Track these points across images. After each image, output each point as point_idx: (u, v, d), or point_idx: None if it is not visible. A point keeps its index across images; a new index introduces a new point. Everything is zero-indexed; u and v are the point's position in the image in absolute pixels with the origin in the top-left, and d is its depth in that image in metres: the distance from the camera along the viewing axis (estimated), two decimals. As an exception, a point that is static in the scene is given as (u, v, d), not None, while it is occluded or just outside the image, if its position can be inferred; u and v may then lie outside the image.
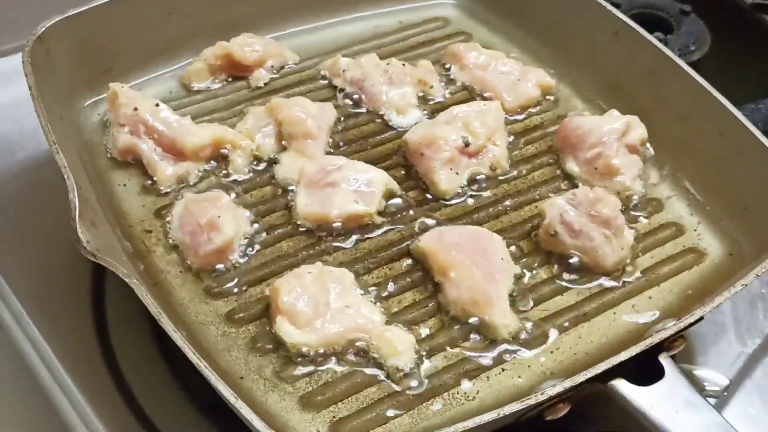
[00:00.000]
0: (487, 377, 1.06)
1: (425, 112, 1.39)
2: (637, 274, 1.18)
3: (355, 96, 1.39)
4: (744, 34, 1.76)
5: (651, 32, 1.44)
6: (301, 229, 1.20)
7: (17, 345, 1.19)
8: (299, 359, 1.06)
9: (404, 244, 1.20)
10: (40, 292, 1.23)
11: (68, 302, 1.22)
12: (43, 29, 1.25)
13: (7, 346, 1.19)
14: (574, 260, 1.17)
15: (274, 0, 1.50)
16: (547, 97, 1.43)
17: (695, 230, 1.25)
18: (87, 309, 1.21)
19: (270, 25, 1.50)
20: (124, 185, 1.24)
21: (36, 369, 1.16)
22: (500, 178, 1.29)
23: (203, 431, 1.10)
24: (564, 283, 1.16)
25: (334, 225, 1.20)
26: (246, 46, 1.41)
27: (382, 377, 1.05)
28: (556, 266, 1.18)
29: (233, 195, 1.22)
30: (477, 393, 1.05)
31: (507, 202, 1.26)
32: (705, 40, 1.65)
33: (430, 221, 1.23)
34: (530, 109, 1.41)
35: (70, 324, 1.20)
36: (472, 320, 1.10)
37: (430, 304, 1.13)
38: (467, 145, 1.26)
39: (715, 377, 1.19)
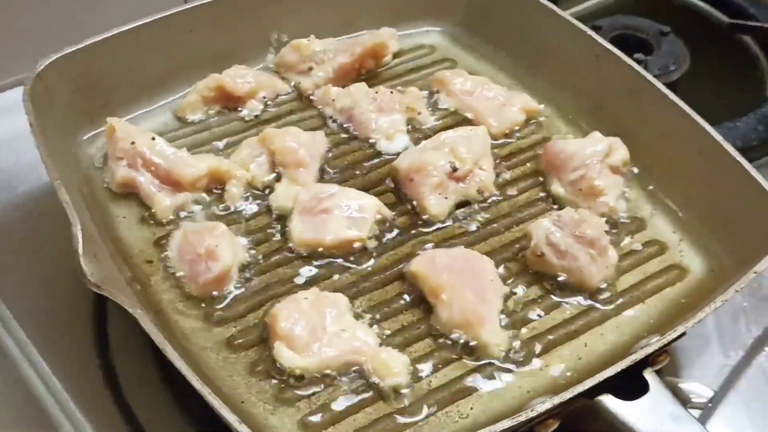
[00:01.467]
0: (480, 395, 1.09)
1: (413, 138, 1.42)
2: (622, 291, 1.22)
3: (346, 124, 1.43)
4: (722, 53, 1.80)
5: (631, 53, 1.48)
6: (296, 256, 1.23)
7: (21, 373, 1.21)
8: (298, 382, 1.09)
9: (396, 268, 1.23)
10: (43, 321, 1.25)
11: (71, 331, 1.25)
12: (42, 67, 1.28)
13: (12, 375, 1.21)
14: (560, 280, 1.21)
15: (263, 32, 1.53)
16: (532, 120, 1.47)
17: (678, 247, 1.29)
18: (89, 337, 1.24)
19: (261, 56, 1.54)
20: (124, 217, 1.28)
21: (40, 396, 1.19)
22: (488, 201, 1.33)
23: (206, 454, 1.14)
24: (551, 303, 1.20)
25: (328, 251, 1.23)
26: (238, 77, 1.45)
27: (379, 398, 1.08)
28: (543, 286, 1.22)
29: (230, 224, 1.25)
30: (470, 411, 1.08)
31: (495, 225, 1.30)
32: (684, 60, 1.69)
33: (421, 245, 1.26)
34: (516, 133, 1.45)
35: (74, 352, 1.22)
36: (464, 340, 1.13)
37: (423, 326, 1.16)
38: (455, 170, 1.30)
39: (700, 389, 1.22)
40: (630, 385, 1.02)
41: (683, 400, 1.18)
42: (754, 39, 1.80)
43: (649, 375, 1.03)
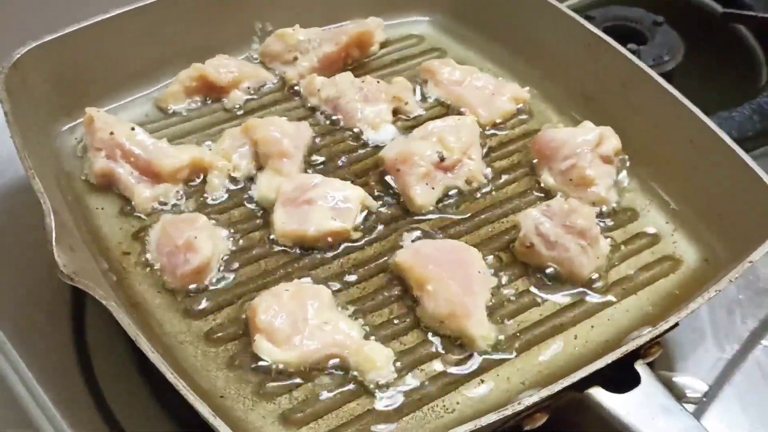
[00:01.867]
0: (466, 389, 1.07)
1: (401, 128, 1.40)
2: (614, 282, 1.19)
3: (331, 114, 1.40)
4: (716, 42, 1.78)
5: (625, 43, 1.46)
6: (278, 248, 1.21)
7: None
8: (279, 376, 1.06)
9: (382, 260, 1.20)
10: (20, 316, 1.23)
11: (48, 326, 1.22)
12: (19, 56, 1.25)
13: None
14: (550, 271, 1.18)
15: (248, 22, 1.51)
16: (522, 110, 1.44)
17: (671, 238, 1.26)
18: (67, 332, 1.22)
19: (245, 46, 1.52)
20: (102, 209, 1.25)
21: (17, 393, 1.17)
22: (476, 191, 1.30)
23: (186, 451, 1.11)
24: (541, 294, 1.17)
25: (312, 242, 1.20)
26: (221, 67, 1.42)
27: (362, 392, 1.06)
28: (532, 277, 1.19)
29: (210, 215, 1.23)
30: (456, 405, 1.05)
31: (483, 215, 1.27)
32: (678, 50, 1.66)
33: (407, 236, 1.23)
34: (505, 123, 1.42)
35: (51, 348, 1.20)
36: (450, 333, 1.11)
37: (409, 318, 1.14)
38: (442, 159, 1.27)
39: (694, 383, 1.20)
40: (621, 378, 1.00)
41: (678, 394, 1.16)
42: (748, 28, 1.78)
43: (640, 367, 1.01)
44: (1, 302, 1.25)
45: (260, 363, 1.06)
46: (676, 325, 1.04)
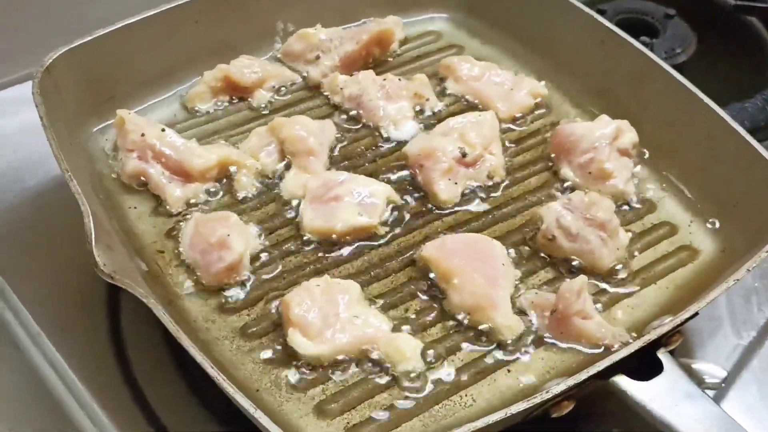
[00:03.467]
0: (494, 379, 1.10)
1: (422, 124, 1.42)
2: (634, 273, 1.22)
3: (354, 112, 1.43)
4: (728, 34, 1.79)
5: (637, 37, 1.48)
6: (307, 243, 1.24)
7: (36, 366, 1.22)
8: (312, 369, 1.09)
9: (408, 254, 1.23)
10: (56, 313, 1.26)
11: (85, 322, 1.25)
12: (50, 60, 1.28)
13: (26, 368, 1.22)
14: (572, 263, 1.21)
15: (269, 22, 1.54)
16: (540, 104, 1.47)
17: (688, 228, 1.29)
18: (103, 328, 1.24)
19: (267, 46, 1.54)
20: (135, 208, 1.28)
21: (55, 389, 1.19)
22: (498, 186, 1.33)
23: (221, 443, 1.15)
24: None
25: (340, 238, 1.24)
26: (245, 68, 1.45)
27: (393, 383, 1.09)
28: (555, 269, 1.22)
29: (241, 213, 1.26)
30: (484, 394, 1.08)
31: (505, 209, 1.30)
32: (690, 42, 1.68)
33: (431, 230, 1.26)
34: (524, 118, 1.45)
35: (88, 343, 1.23)
36: (476, 324, 1.14)
37: (435, 311, 1.17)
38: (464, 155, 1.30)
39: (713, 370, 1.22)
40: (644, 366, 1.02)
41: (697, 380, 1.18)
42: (760, 20, 1.79)
43: (662, 355, 1.04)
44: (37, 298, 1.28)
45: (294, 356, 1.10)
46: (696, 314, 1.07)
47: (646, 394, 1.00)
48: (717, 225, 1.29)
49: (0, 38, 1.57)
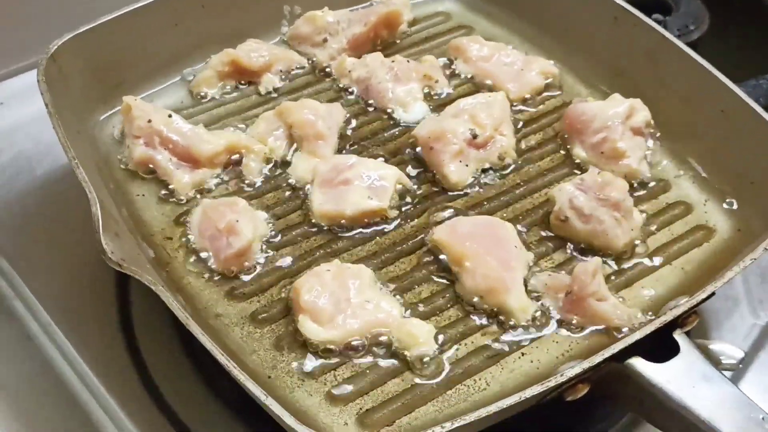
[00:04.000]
0: (507, 362, 1.09)
1: (432, 106, 1.41)
2: (648, 254, 1.21)
3: (362, 95, 1.42)
4: (741, 10, 1.77)
5: (650, 14, 1.46)
6: (317, 228, 1.23)
7: (46, 355, 1.22)
8: (323, 355, 1.08)
9: (419, 237, 1.22)
10: (66, 302, 1.26)
11: (95, 310, 1.25)
12: (55, 47, 1.27)
13: (37, 357, 1.22)
14: (585, 244, 1.20)
15: (276, 5, 1.52)
16: (551, 84, 1.45)
17: (703, 208, 1.28)
18: (113, 316, 1.24)
19: (274, 30, 1.53)
20: (143, 195, 1.27)
21: (66, 377, 1.20)
22: (509, 167, 1.32)
23: (232, 429, 1.14)
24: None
25: (350, 222, 1.22)
26: (252, 51, 1.43)
27: (405, 368, 1.08)
28: (568, 251, 1.21)
29: (249, 198, 1.25)
30: (498, 378, 1.07)
31: (517, 191, 1.29)
32: (704, 19, 1.66)
33: (442, 213, 1.25)
34: (535, 98, 1.43)
35: (98, 332, 1.23)
36: (489, 307, 1.13)
37: (448, 294, 1.16)
38: (475, 137, 1.29)
39: (730, 350, 1.21)
40: (660, 347, 1.01)
41: (714, 362, 1.16)
42: (774, -5, 1.78)
43: (679, 336, 1.02)
44: (46, 287, 1.28)
45: (305, 342, 1.09)
46: (713, 294, 1.06)
47: (663, 375, 0.98)
48: (732, 204, 1.27)
49: (6, 26, 1.56)
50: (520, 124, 1.39)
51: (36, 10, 1.56)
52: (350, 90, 1.43)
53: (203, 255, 1.18)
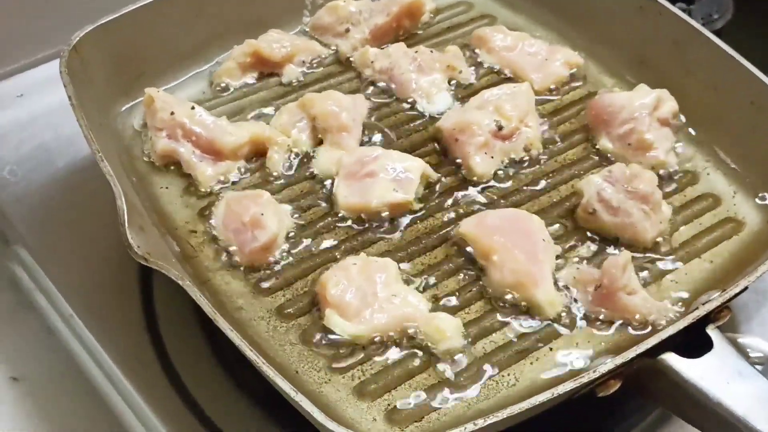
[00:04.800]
0: (536, 357, 1.08)
1: (456, 97, 1.40)
2: (677, 247, 1.19)
3: (386, 86, 1.40)
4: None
5: (674, 3, 1.44)
6: (342, 221, 1.22)
7: (69, 348, 1.22)
8: (351, 350, 1.07)
9: (444, 230, 1.21)
10: (89, 295, 1.25)
11: (118, 303, 1.25)
12: (78, 39, 1.26)
13: (59, 350, 1.22)
14: (613, 237, 1.19)
15: (298, -4, 1.52)
16: (575, 75, 1.44)
17: (732, 200, 1.26)
18: (136, 309, 1.24)
19: (296, 20, 1.52)
20: (166, 188, 1.26)
21: (89, 370, 1.20)
22: (535, 158, 1.30)
23: (259, 424, 1.13)
24: (605, 260, 1.17)
25: (375, 215, 1.21)
26: (274, 42, 1.42)
27: (433, 363, 1.07)
28: (595, 244, 1.19)
29: (273, 191, 1.24)
30: (527, 373, 1.06)
31: (543, 183, 1.27)
32: (728, 7, 1.65)
33: (469, 206, 1.24)
34: (560, 89, 1.42)
35: (121, 324, 1.22)
36: (517, 302, 1.12)
37: (475, 288, 1.14)
38: (500, 128, 1.27)
39: (760, 344, 1.20)
40: (693, 343, 1.00)
41: (743, 356, 1.15)
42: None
43: (712, 331, 1.01)
44: (69, 280, 1.27)
45: (332, 337, 1.08)
46: (746, 288, 1.04)
47: (696, 371, 0.97)
48: (762, 196, 1.25)
49: (26, 17, 1.55)
50: (545, 115, 1.37)
51: (56, 0, 1.55)
52: (373, 81, 1.42)
53: (228, 248, 1.17)
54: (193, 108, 1.28)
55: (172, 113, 1.26)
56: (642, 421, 1.16)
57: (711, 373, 0.97)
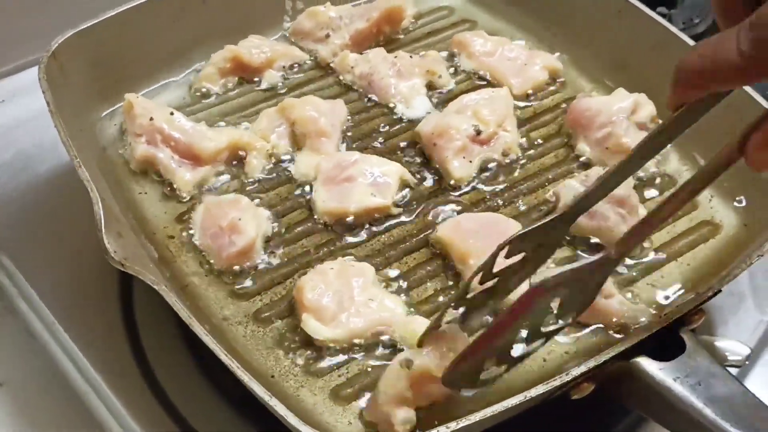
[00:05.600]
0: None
1: (435, 102, 1.40)
2: (654, 250, 1.20)
3: (365, 91, 1.41)
4: (745, 2, 1.76)
5: (654, 7, 1.45)
6: (320, 226, 1.22)
7: (50, 354, 1.21)
8: (327, 354, 1.08)
9: (422, 235, 1.21)
10: (69, 300, 1.25)
11: (98, 309, 1.24)
12: (56, 45, 1.26)
13: (41, 355, 1.21)
14: (590, 241, 1.19)
15: (279, 1, 1.51)
16: (555, 79, 1.45)
17: (709, 203, 1.27)
18: (117, 314, 1.23)
19: (276, 25, 1.52)
20: (145, 193, 1.26)
21: (69, 375, 1.19)
22: (513, 163, 1.31)
23: (237, 427, 1.12)
24: (582, 264, 1.18)
25: (353, 219, 1.22)
26: (253, 48, 1.43)
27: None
28: (572, 248, 1.20)
29: (252, 196, 1.24)
30: (504, 376, 1.06)
31: (521, 187, 1.28)
32: (708, 12, 1.65)
33: (446, 210, 1.25)
34: (539, 93, 1.43)
35: (102, 330, 1.22)
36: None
37: (452, 292, 1.15)
38: (479, 133, 1.28)
39: (736, 347, 1.20)
40: (666, 346, 1.00)
41: (720, 359, 1.16)
42: (780, -13, 1.76)
43: (685, 334, 1.01)
44: (49, 285, 1.26)
45: (309, 341, 1.08)
46: (719, 291, 1.05)
47: (669, 374, 0.97)
48: (738, 199, 1.26)
49: (8, 23, 1.55)
50: (524, 119, 1.38)
51: (37, 6, 1.55)
52: (353, 86, 1.42)
53: (206, 253, 1.18)
54: (172, 113, 1.28)
55: (151, 119, 1.27)
56: (619, 423, 1.16)
57: (683, 376, 0.97)
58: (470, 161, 1.28)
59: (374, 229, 1.22)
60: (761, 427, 0.93)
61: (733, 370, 1.16)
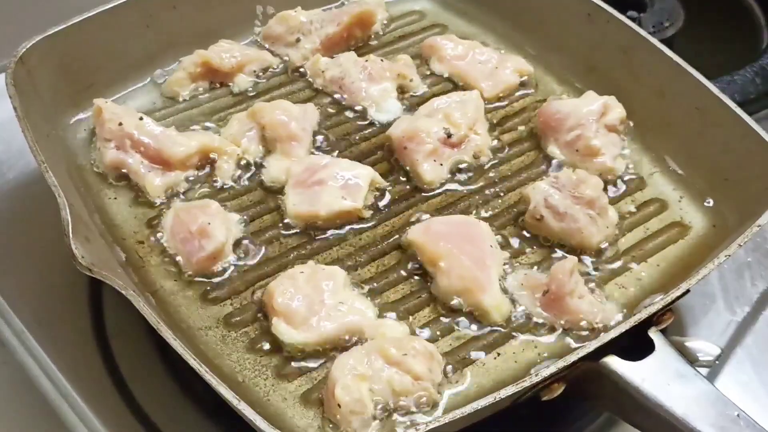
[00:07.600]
0: (483, 363, 1.08)
1: (406, 105, 1.40)
2: (624, 251, 1.21)
3: (336, 95, 1.41)
4: (716, 7, 1.78)
5: (625, 11, 1.46)
6: (291, 230, 1.22)
7: (20, 361, 1.20)
8: (298, 358, 1.07)
9: (393, 238, 1.21)
10: (39, 307, 1.24)
11: (67, 316, 1.24)
12: (24, 50, 1.25)
13: (10, 363, 1.21)
14: (560, 242, 1.20)
15: (249, 5, 1.51)
16: (525, 82, 1.45)
17: (678, 205, 1.27)
18: (86, 321, 1.23)
19: (247, 30, 1.52)
20: (115, 198, 1.26)
21: (40, 383, 1.18)
22: (484, 166, 1.31)
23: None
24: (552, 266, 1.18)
25: (324, 223, 1.22)
26: (223, 52, 1.42)
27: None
28: (543, 249, 1.20)
29: (223, 201, 1.24)
30: (474, 378, 1.07)
31: (492, 189, 1.28)
32: (678, 16, 1.66)
33: (417, 213, 1.24)
34: (509, 96, 1.43)
35: (71, 337, 1.21)
36: (464, 307, 1.12)
37: (423, 295, 1.15)
38: (449, 136, 1.28)
39: (706, 347, 1.21)
40: (635, 346, 1.01)
41: (690, 359, 1.16)
42: (748, -8, 1.78)
43: (654, 334, 1.02)
44: (18, 292, 1.26)
45: (279, 345, 1.08)
46: (687, 291, 1.05)
47: (638, 374, 0.98)
48: (707, 200, 1.27)
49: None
50: (495, 122, 1.38)
51: (3, 11, 1.54)
52: (324, 90, 1.42)
53: (176, 258, 1.17)
54: (141, 118, 1.28)
55: (121, 124, 1.26)
56: (590, 424, 1.16)
57: (652, 375, 0.98)
58: (441, 164, 1.28)
59: (345, 232, 1.22)
60: (728, 426, 0.94)
61: (704, 370, 1.17)
